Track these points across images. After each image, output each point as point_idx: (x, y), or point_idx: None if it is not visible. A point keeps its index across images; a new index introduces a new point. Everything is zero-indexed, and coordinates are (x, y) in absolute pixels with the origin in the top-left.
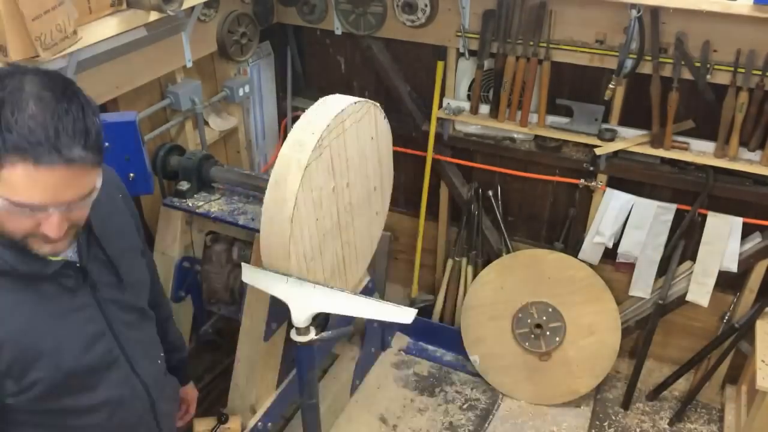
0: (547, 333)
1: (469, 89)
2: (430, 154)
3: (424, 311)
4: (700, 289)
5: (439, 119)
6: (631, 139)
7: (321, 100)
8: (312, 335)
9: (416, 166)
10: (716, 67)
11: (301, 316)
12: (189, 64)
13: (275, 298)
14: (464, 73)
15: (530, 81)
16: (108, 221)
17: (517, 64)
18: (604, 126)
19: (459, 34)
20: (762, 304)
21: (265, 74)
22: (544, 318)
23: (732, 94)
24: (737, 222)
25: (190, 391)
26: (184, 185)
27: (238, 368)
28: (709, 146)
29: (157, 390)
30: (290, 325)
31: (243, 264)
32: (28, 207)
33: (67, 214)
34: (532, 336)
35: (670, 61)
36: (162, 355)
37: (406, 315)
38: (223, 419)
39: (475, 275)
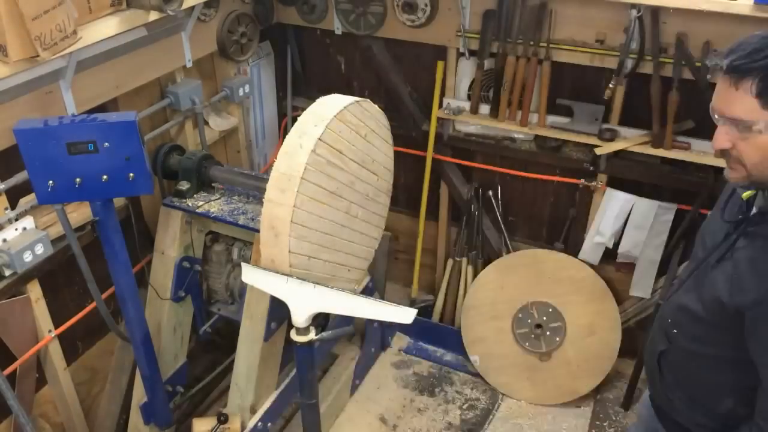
0: (547, 333)
1: (470, 89)
2: (430, 154)
3: (424, 311)
4: None
5: (439, 119)
6: (631, 139)
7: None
8: (312, 335)
9: (416, 166)
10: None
11: (301, 316)
12: (189, 64)
13: (275, 298)
14: (464, 73)
15: (530, 81)
16: None
17: (518, 64)
18: (605, 126)
19: (459, 33)
20: None
21: (265, 74)
22: (544, 318)
23: None
24: None
25: None
26: (184, 185)
27: (238, 368)
28: (709, 146)
29: None
30: (290, 325)
31: (243, 264)
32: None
33: (732, 134)
34: (532, 336)
35: (671, 61)
36: None
37: (406, 315)
38: (223, 419)
39: (475, 275)
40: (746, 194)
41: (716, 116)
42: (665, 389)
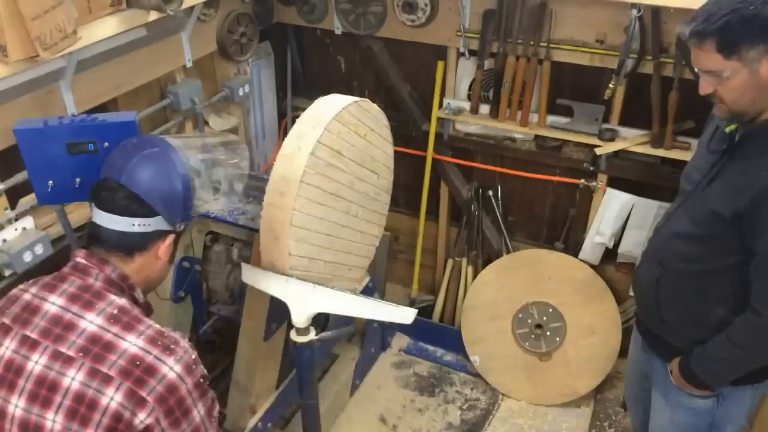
0: (548, 333)
1: (470, 89)
2: (430, 154)
3: (424, 311)
4: None
5: (439, 119)
6: (631, 139)
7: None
8: (312, 335)
9: (416, 166)
10: None
11: (300, 316)
12: (189, 64)
13: (275, 298)
14: (464, 72)
15: (530, 81)
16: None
17: (518, 64)
18: (605, 126)
19: (459, 33)
20: None
21: (265, 74)
22: (545, 318)
23: None
24: None
25: None
26: None
27: (238, 368)
28: None
29: None
30: (290, 325)
31: (243, 264)
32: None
33: (710, 81)
34: (533, 336)
35: (671, 60)
36: None
37: (406, 315)
38: (222, 419)
39: (475, 275)
40: (729, 128)
41: (696, 69)
42: (660, 312)
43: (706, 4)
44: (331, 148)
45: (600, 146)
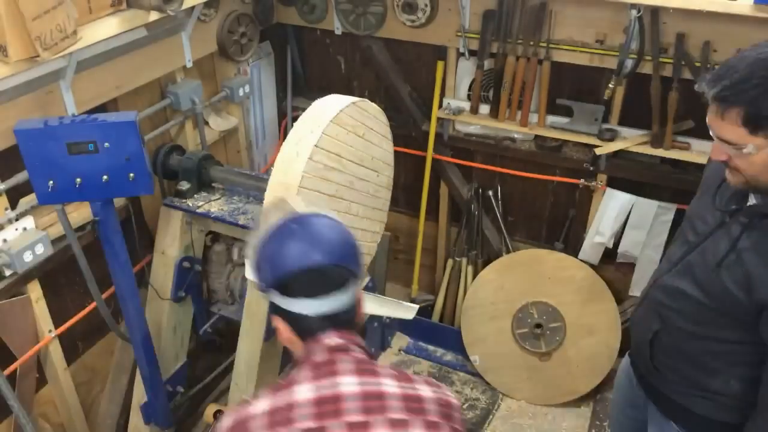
0: (547, 333)
1: (470, 89)
2: (430, 154)
3: (424, 311)
4: None
5: (439, 119)
6: (631, 139)
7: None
8: None
9: (416, 166)
10: (716, 66)
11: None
12: (189, 64)
13: None
14: (464, 73)
15: (530, 81)
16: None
17: (517, 64)
18: (604, 126)
19: (459, 34)
20: None
21: (265, 74)
22: (544, 318)
23: None
24: None
25: None
26: (184, 185)
27: (238, 368)
28: (709, 146)
29: None
30: None
31: (246, 261)
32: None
33: (726, 149)
34: (532, 336)
35: (670, 61)
36: None
37: (407, 311)
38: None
39: (475, 275)
40: None
41: (711, 132)
42: (656, 365)
43: (730, 62)
44: (330, 152)
45: (600, 146)
